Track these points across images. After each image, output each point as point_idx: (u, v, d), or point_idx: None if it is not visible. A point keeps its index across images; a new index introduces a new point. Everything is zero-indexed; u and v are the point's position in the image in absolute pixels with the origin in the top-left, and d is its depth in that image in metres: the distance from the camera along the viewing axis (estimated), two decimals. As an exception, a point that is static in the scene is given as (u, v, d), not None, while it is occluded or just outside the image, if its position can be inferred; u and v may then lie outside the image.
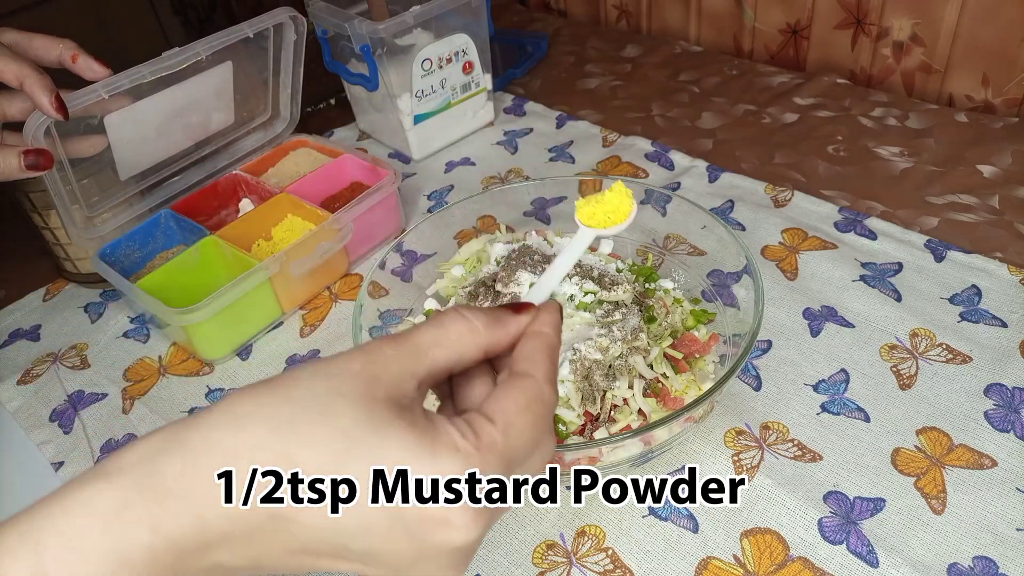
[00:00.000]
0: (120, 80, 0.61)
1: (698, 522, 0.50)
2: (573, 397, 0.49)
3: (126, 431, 0.62)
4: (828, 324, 0.62)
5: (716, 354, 0.56)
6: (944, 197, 0.73)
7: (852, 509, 0.49)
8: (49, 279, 0.78)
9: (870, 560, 0.47)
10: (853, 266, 0.67)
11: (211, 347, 0.65)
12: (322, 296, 0.72)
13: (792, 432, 0.54)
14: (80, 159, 0.64)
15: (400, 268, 0.62)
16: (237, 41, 0.68)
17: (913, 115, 0.85)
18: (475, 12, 0.84)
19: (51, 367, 0.68)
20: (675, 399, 0.51)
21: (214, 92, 0.71)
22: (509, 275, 0.55)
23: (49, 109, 0.56)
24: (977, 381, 0.56)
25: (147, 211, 0.72)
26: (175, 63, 0.64)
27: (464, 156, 0.89)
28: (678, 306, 0.58)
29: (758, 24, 1.02)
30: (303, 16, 0.73)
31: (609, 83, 0.99)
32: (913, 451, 0.52)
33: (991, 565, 0.46)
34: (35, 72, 0.56)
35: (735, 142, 0.85)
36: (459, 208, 0.65)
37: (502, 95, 0.99)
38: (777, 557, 0.48)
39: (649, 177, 0.82)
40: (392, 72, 0.81)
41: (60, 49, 0.59)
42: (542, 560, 0.49)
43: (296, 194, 0.72)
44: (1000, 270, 0.64)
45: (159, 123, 0.68)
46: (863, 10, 0.91)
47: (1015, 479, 0.50)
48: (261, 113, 0.79)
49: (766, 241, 0.71)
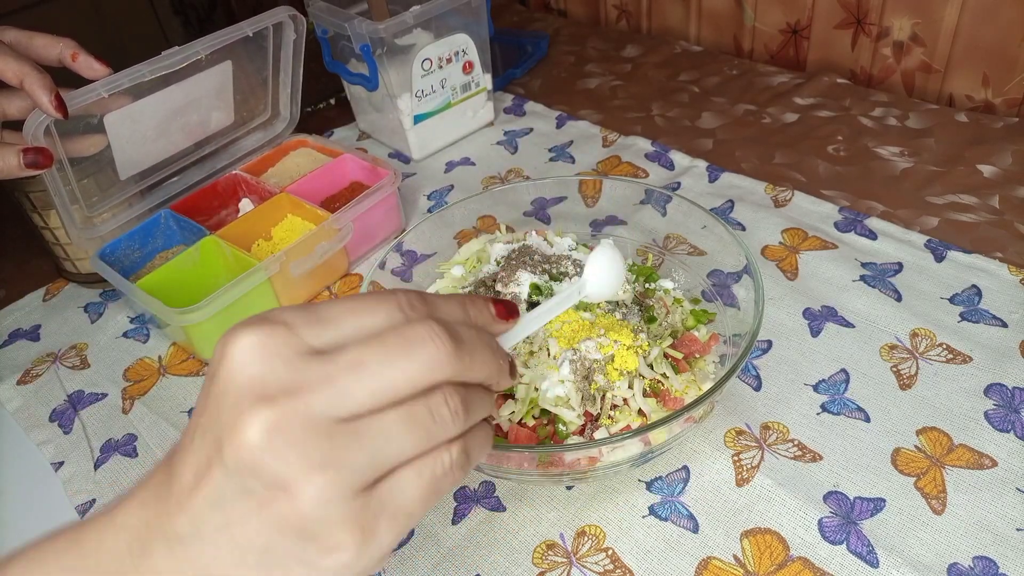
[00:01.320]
0: (120, 79, 0.61)
1: (698, 522, 0.50)
2: (573, 397, 0.49)
3: (126, 431, 0.61)
4: (828, 324, 0.62)
5: (716, 354, 0.56)
6: (944, 197, 0.73)
7: (852, 509, 0.49)
8: (49, 279, 0.77)
9: (870, 560, 0.47)
10: (853, 266, 0.67)
11: (211, 347, 0.65)
12: (322, 296, 0.72)
13: (792, 432, 0.54)
14: (80, 159, 0.64)
15: (400, 268, 0.62)
16: (236, 40, 0.68)
17: (913, 115, 0.85)
18: (475, 12, 0.84)
19: (51, 367, 0.68)
20: (675, 399, 0.51)
21: (214, 91, 0.71)
22: (509, 275, 0.55)
23: (49, 108, 0.56)
24: (977, 381, 0.56)
25: (147, 211, 0.72)
26: (174, 62, 0.64)
27: (464, 156, 0.89)
28: (678, 306, 0.58)
29: (758, 24, 1.02)
30: (303, 15, 0.73)
31: (609, 83, 0.99)
32: (913, 451, 0.52)
33: (991, 565, 0.46)
34: (35, 71, 0.56)
35: (735, 142, 0.85)
36: (459, 208, 0.65)
37: (502, 95, 0.99)
38: (777, 557, 0.48)
39: (649, 177, 0.82)
40: (392, 72, 0.81)
41: (60, 48, 0.59)
42: (542, 560, 0.49)
43: (296, 194, 0.72)
44: (1000, 270, 0.64)
45: (159, 122, 0.68)
46: (863, 10, 0.91)
47: (1015, 479, 0.50)
48: (261, 113, 0.79)
49: (766, 241, 0.71)
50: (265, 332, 0.26)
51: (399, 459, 0.27)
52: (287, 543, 0.25)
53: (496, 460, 0.49)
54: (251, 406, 0.25)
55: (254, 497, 0.25)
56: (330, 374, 0.26)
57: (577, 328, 0.51)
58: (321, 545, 0.25)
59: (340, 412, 0.25)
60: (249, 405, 0.25)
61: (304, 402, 0.25)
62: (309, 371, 0.26)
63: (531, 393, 0.50)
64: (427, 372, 0.27)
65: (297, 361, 0.26)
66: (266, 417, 0.25)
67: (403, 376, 0.26)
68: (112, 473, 0.58)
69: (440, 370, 0.27)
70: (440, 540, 0.51)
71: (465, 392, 0.28)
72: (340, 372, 0.26)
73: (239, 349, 0.26)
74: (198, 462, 0.26)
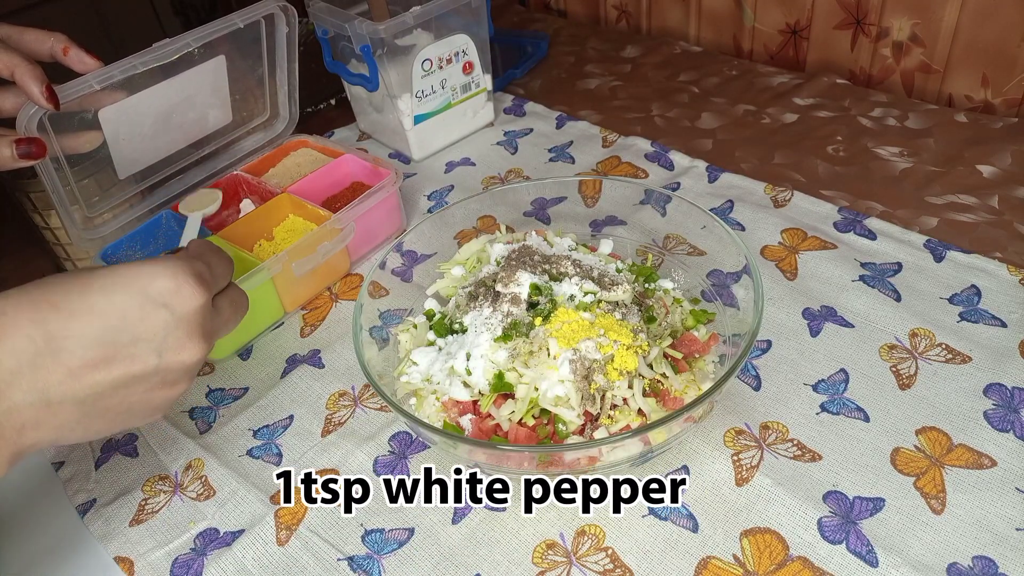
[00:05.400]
0: (111, 71, 0.60)
1: (698, 522, 0.50)
2: (573, 397, 0.49)
3: (126, 431, 0.62)
4: (828, 324, 0.62)
5: (716, 354, 0.56)
6: (943, 197, 0.73)
7: (852, 509, 0.49)
8: (50, 279, 0.77)
9: (870, 560, 0.47)
10: (853, 266, 0.67)
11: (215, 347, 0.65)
12: (323, 296, 0.72)
13: (792, 432, 0.55)
14: (79, 159, 0.64)
15: (400, 268, 0.63)
16: (229, 35, 0.68)
17: (913, 115, 0.85)
18: (475, 12, 0.84)
19: (52, 367, 0.68)
20: (675, 399, 0.51)
21: (209, 88, 0.71)
22: (509, 275, 0.55)
23: (40, 99, 0.56)
24: (977, 381, 0.56)
25: (148, 212, 0.72)
26: (166, 53, 0.64)
27: (464, 156, 0.89)
28: (678, 306, 0.58)
29: (758, 24, 1.02)
30: (294, 8, 0.73)
31: (609, 83, 0.99)
32: (913, 451, 0.52)
33: (991, 565, 0.46)
34: (26, 63, 0.55)
35: (735, 142, 0.85)
36: (459, 208, 0.65)
37: (502, 95, 0.99)
38: (777, 557, 0.48)
39: (649, 177, 0.82)
40: (392, 72, 0.81)
41: (51, 42, 0.59)
42: (542, 560, 0.49)
43: (297, 194, 0.73)
44: (1000, 270, 0.64)
45: (155, 119, 0.68)
46: (863, 10, 0.91)
47: (1014, 479, 0.50)
48: (260, 113, 0.79)
49: (766, 241, 0.71)
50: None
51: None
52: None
53: (496, 460, 0.49)
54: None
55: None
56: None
57: (577, 328, 0.51)
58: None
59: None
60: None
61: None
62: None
63: (531, 393, 0.50)
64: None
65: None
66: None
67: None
68: (112, 473, 0.58)
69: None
70: (440, 540, 0.51)
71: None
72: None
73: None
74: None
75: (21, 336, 0.36)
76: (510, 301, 0.54)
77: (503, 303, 0.54)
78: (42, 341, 0.36)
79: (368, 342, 0.55)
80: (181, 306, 0.40)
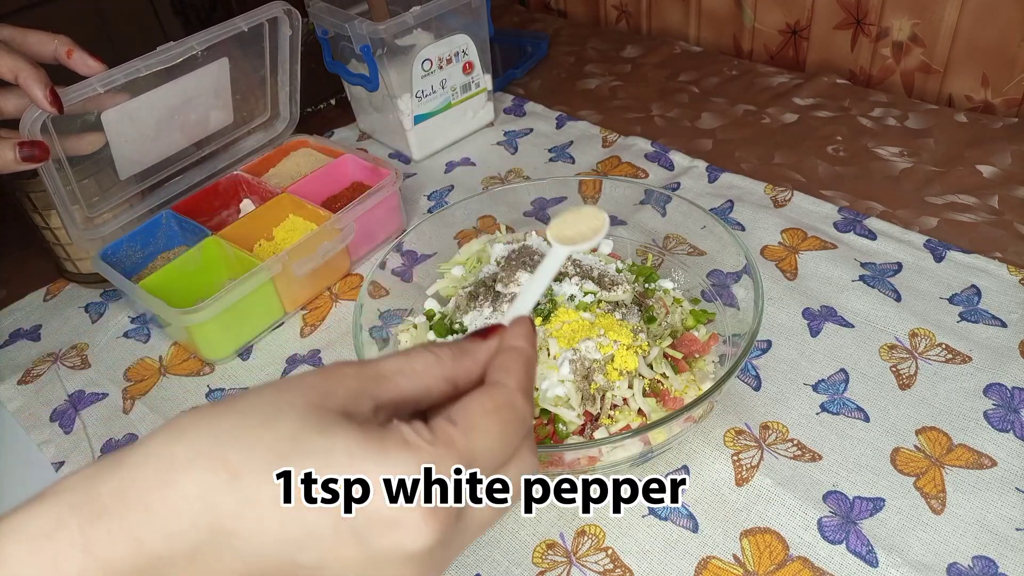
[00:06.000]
0: (115, 74, 0.60)
1: (698, 522, 0.50)
2: (573, 397, 0.49)
3: (127, 431, 0.62)
4: (828, 324, 0.62)
5: (716, 354, 0.56)
6: (943, 197, 0.73)
7: (852, 509, 0.49)
8: (49, 279, 0.78)
9: (870, 560, 0.47)
10: (853, 266, 0.67)
11: (214, 347, 0.65)
12: (323, 296, 0.72)
13: (792, 432, 0.55)
14: (80, 159, 0.64)
15: (400, 268, 0.63)
16: (233, 37, 0.68)
17: (913, 115, 0.85)
18: (475, 12, 0.84)
19: (52, 367, 0.68)
20: (675, 399, 0.51)
21: (211, 90, 0.71)
22: (509, 275, 0.55)
23: (43, 102, 0.56)
24: (976, 381, 0.56)
25: (148, 212, 0.72)
26: (169, 57, 0.64)
27: (464, 156, 0.89)
28: (678, 306, 0.58)
29: (758, 24, 1.02)
30: (298, 11, 0.73)
31: (609, 83, 0.99)
32: (912, 451, 0.52)
33: (990, 565, 0.46)
34: (29, 66, 0.56)
35: (735, 142, 0.85)
36: (459, 208, 0.65)
37: (502, 95, 0.99)
38: (777, 557, 0.48)
39: (649, 177, 0.82)
40: (392, 72, 0.81)
41: (55, 44, 0.59)
42: (542, 560, 0.49)
43: (297, 194, 0.73)
44: (1000, 270, 0.64)
45: (157, 121, 0.68)
46: (863, 10, 0.91)
47: (1014, 479, 0.50)
48: (261, 113, 0.79)
49: (766, 241, 0.71)
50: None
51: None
52: None
53: (496, 460, 0.49)
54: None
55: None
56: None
57: (577, 328, 0.51)
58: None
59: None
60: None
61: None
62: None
63: (531, 393, 0.50)
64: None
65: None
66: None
67: None
68: (113, 473, 0.58)
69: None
70: (440, 540, 0.51)
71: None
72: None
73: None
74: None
75: (187, 513, 0.24)
76: (510, 301, 0.54)
77: (503, 303, 0.54)
78: (207, 530, 0.25)
79: (368, 342, 0.55)
80: (385, 545, 0.27)
